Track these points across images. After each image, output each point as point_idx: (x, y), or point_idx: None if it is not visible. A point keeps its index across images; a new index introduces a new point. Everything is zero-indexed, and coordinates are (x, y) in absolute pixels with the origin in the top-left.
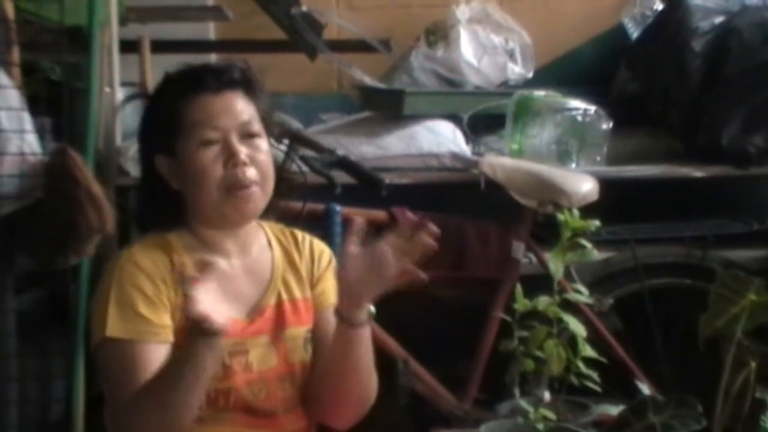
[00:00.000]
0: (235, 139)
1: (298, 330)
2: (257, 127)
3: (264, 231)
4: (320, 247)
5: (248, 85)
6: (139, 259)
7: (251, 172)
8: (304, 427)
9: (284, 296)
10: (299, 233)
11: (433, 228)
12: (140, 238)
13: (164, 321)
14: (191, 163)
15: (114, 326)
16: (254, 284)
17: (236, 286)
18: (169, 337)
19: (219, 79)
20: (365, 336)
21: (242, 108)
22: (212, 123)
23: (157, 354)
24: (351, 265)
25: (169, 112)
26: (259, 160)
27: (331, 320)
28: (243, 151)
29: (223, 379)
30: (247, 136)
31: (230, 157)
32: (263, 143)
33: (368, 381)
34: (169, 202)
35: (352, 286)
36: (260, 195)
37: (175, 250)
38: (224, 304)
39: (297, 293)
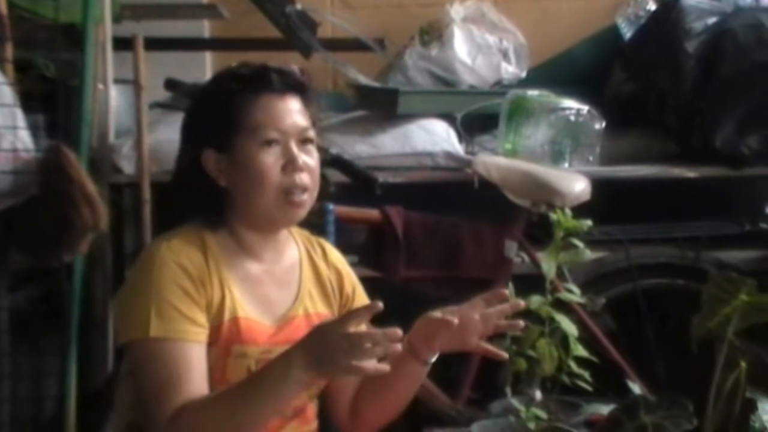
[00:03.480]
0: (294, 144)
1: None
2: (312, 134)
3: (293, 238)
4: (344, 263)
5: (306, 91)
6: (177, 255)
7: (306, 179)
8: (311, 430)
9: (310, 309)
10: (326, 244)
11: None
12: (176, 230)
13: (203, 320)
14: (250, 162)
15: (157, 326)
16: (282, 292)
17: (264, 292)
18: (206, 337)
19: (283, 82)
20: (425, 371)
21: (302, 113)
22: (276, 124)
23: (196, 353)
24: (461, 315)
25: (230, 107)
26: (312, 167)
27: None
28: (301, 156)
29: None
30: (303, 141)
31: (291, 161)
32: (315, 151)
33: (410, 395)
34: (213, 199)
35: (445, 331)
36: (310, 202)
37: (210, 250)
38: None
39: (321, 307)
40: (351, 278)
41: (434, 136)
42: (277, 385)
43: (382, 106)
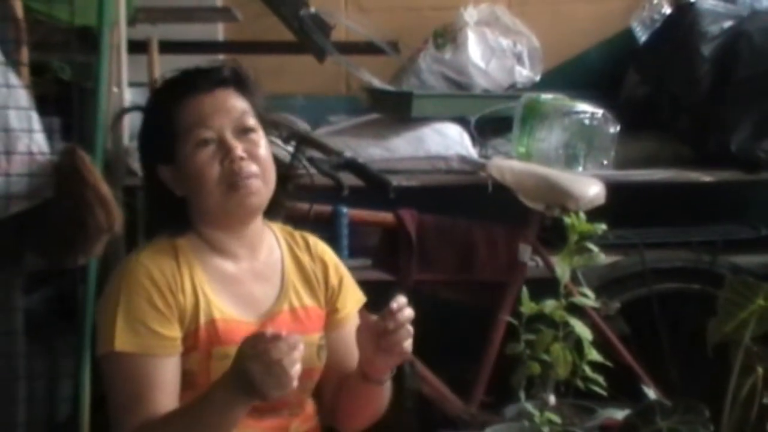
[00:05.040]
0: (230, 136)
1: (312, 337)
2: (252, 121)
3: (272, 233)
4: (331, 254)
5: (240, 83)
6: (147, 269)
7: (251, 167)
8: (311, 429)
9: (296, 303)
10: (310, 237)
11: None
12: (147, 243)
13: (173, 333)
14: (189, 165)
15: (122, 340)
16: (265, 288)
17: (245, 290)
18: (178, 348)
19: (208, 79)
20: (389, 384)
21: (235, 104)
22: (206, 123)
23: (165, 368)
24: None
25: (164, 119)
26: (257, 154)
27: (352, 333)
28: (239, 146)
29: None
30: (243, 131)
31: (227, 153)
32: (260, 138)
33: (385, 402)
34: (176, 210)
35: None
36: (262, 188)
37: (183, 253)
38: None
39: (308, 300)
40: (338, 270)
41: (448, 140)
42: (223, 410)
43: (396, 110)
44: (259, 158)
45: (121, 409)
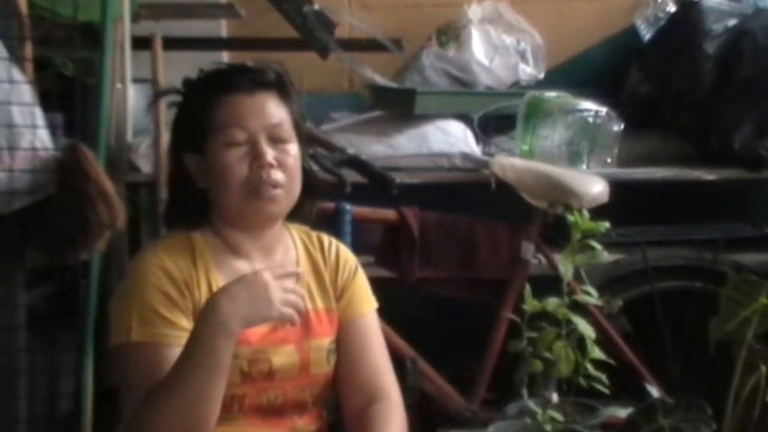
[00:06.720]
0: (263, 141)
1: (323, 341)
2: (288, 130)
3: (289, 233)
4: (345, 254)
5: (282, 88)
6: (163, 262)
7: (277, 175)
8: (318, 429)
9: (308, 305)
10: (326, 238)
11: None
12: (164, 236)
13: (185, 325)
14: (217, 161)
15: (138, 330)
16: None
17: None
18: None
19: (252, 80)
20: None
21: (273, 110)
22: (241, 123)
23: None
24: None
25: (200, 110)
26: (286, 163)
27: (359, 331)
28: (270, 153)
29: (239, 386)
30: (277, 138)
31: (256, 158)
32: (293, 147)
33: None
34: (196, 201)
35: None
36: (285, 198)
37: (199, 251)
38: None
39: (320, 303)
40: (349, 265)
41: (451, 137)
42: (208, 338)
43: (399, 107)
44: (288, 168)
45: (133, 395)
